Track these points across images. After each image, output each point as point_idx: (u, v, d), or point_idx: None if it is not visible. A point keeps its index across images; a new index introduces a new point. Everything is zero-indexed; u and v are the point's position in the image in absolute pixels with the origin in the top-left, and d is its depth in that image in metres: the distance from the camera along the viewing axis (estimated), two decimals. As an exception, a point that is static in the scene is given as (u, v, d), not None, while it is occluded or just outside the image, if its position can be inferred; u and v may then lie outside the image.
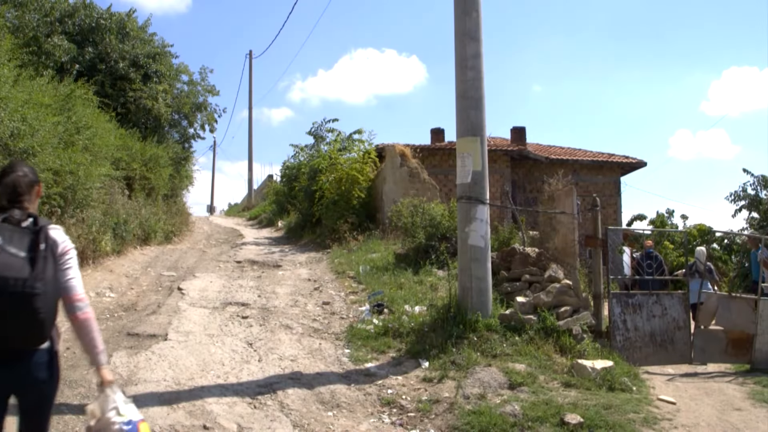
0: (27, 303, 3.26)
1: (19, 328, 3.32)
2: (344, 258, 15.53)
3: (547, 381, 7.33)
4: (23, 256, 3.31)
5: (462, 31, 9.10)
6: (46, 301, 3.34)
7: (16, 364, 3.42)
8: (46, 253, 3.41)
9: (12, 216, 3.45)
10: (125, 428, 3.55)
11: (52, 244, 3.48)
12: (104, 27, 23.78)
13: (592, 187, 26.07)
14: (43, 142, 10.26)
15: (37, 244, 3.39)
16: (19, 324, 3.30)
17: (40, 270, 3.32)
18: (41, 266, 3.34)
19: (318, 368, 7.73)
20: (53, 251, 3.48)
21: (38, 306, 3.30)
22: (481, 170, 8.83)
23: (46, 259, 3.39)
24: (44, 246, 3.41)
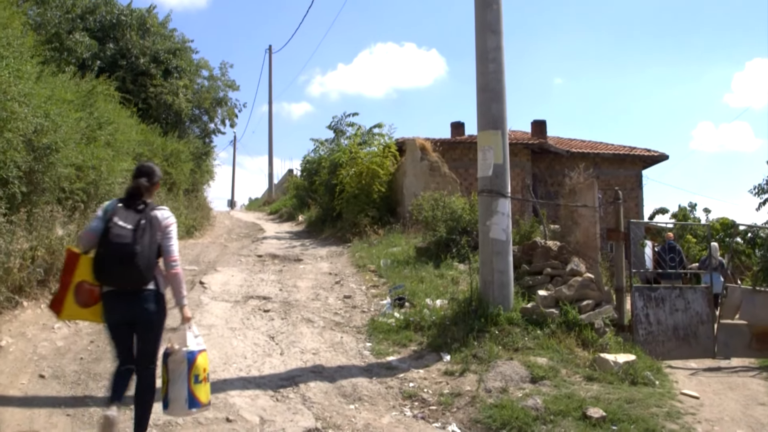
0: (130, 258, 4.90)
1: (129, 275, 4.97)
2: (365, 252, 15.54)
3: (569, 375, 7.30)
4: (130, 228, 4.98)
5: (482, 23, 9.07)
6: (142, 257, 4.95)
7: (131, 299, 5.07)
8: (146, 226, 5.04)
9: (130, 203, 5.17)
10: (187, 355, 5.06)
11: (153, 220, 5.12)
12: (125, 23, 23.88)
13: (613, 180, 25.90)
14: (66, 138, 10.31)
15: (140, 220, 5.04)
16: (128, 272, 4.94)
17: (138, 237, 4.96)
18: (139, 235, 4.98)
19: (340, 361, 7.76)
20: (153, 225, 5.11)
21: (137, 260, 4.92)
22: (502, 163, 8.80)
23: (145, 230, 5.02)
24: (144, 221, 5.05)
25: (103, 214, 5.14)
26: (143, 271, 4.96)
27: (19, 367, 6.92)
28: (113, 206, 5.15)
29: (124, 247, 4.89)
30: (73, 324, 8.69)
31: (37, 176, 9.46)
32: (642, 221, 21.08)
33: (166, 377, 5.09)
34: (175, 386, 5.04)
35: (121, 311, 5.07)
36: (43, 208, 9.59)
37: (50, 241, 9.51)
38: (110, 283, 5.02)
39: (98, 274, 4.98)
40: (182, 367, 5.04)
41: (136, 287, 5.04)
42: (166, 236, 5.18)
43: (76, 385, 6.54)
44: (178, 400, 5.04)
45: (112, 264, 4.92)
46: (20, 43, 9.91)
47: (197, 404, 5.09)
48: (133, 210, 5.10)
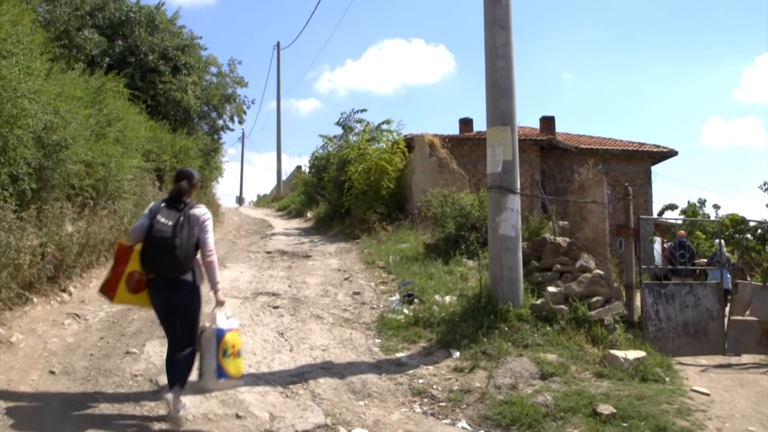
0: (170, 250, 5.66)
1: (169, 265, 5.73)
2: (374, 248, 15.54)
3: (578, 371, 7.29)
4: (170, 225, 5.74)
5: (491, 19, 9.04)
6: (181, 250, 5.69)
7: (172, 286, 5.82)
8: (184, 222, 5.79)
9: (172, 203, 5.92)
10: (216, 332, 5.79)
11: (191, 217, 5.87)
12: (134, 20, 23.92)
13: (622, 176, 25.82)
14: (76, 135, 10.33)
15: (179, 218, 5.80)
16: (168, 262, 5.71)
17: (177, 232, 5.72)
18: (179, 230, 5.73)
19: (349, 358, 7.76)
20: (191, 221, 5.85)
21: (176, 252, 5.67)
22: (511, 159, 8.78)
23: (183, 226, 5.77)
24: (183, 218, 5.81)
25: (148, 212, 5.93)
26: (182, 262, 5.75)
27: (29, 363, 6.94)
28: (157, 206, 5.95)
29: (165, 240, 5.69)
30: (83, 320, 8.73)
31: (47, 173, 9.49)
32: (651, 217, 21.01)
33: (200, 352, 5.91)
34: (206, 360, 5.81)
35: (163, 297, 5.91)
36: (52, 205, 9.61)
37: (60, 237, 9.54)
38: (154, 272, 5.84)
39: (144, 264, 5.81)
40: (211, 343, 5.79)
41: (175, 276, 5.81)
42: (203, 230, 5.95)
43: (86, 381, 6.55)
44: (208, 371, 5.78)
45: (155, 255, 5.73)
46: (30, 40, 9.93)
47: (225, 375, 5.74)
48: (174, 209, 5.88)
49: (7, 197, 7.89)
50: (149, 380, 6.64)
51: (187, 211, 5.88)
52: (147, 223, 5.81)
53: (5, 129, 7.62)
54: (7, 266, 7.61)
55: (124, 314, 9.28)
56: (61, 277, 9.80)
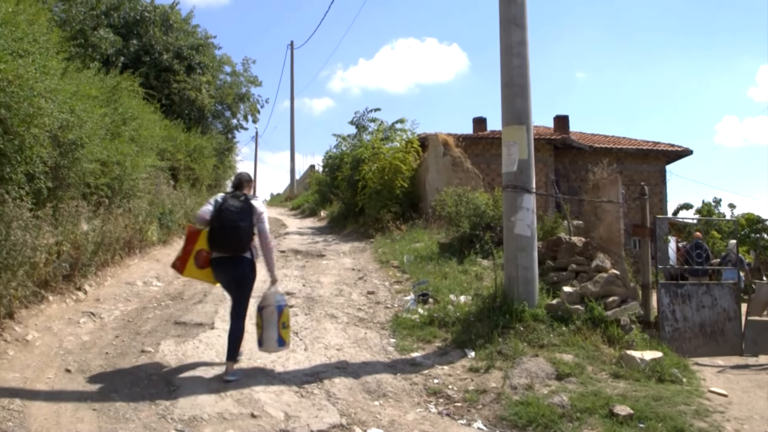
0: (236, 230, 6.77)
1: (233, 243, 6.83)
2: (388, 247, 15.51)
3: (595, 372, 7.24)
4: (236, 210, 6.82)
5: (507, 17, 9.00)
6: (243, 231, 6.81)
7: (234, 262, 6.91)
8: (246, 210, 6.88)
9: (235, 194, 7.07)
10: (277, 308, 6.94)
11: (251, 207, 6.95)
12: (148, 19, 24.06)
13: (636, 175, 25.75)
14: (91, 134, 10.37)
15: (243, 206, 6.89)
16: (233, 241, 6.82)
17: (241, 217, 6.82)
18: (242, 215, 6.83)
19: (364, 357, 7.74)
20: (251, 210, 6.93)
21: (240, 233, 6.79)
22: (527, 159, 8.74)
23: (245, 212, 6.86)
24: (245, 207, 6.90)
25: (214, 202, 6.96)
26: (243, 241, 6.85)
27: (45, 361, 6.96)
28: (223, 197, 7.04)
29: (232, 222, 6.77)
30: (99, 319, 8.77)
31: (63, 171, 9.52)
32: (667, 217, 20.92)
33: (261, 324, 6.98)
34: (268, 330, 6.91)
35: (225, 271, 6.99)
36: (68, 204, 9.66)
37: (75, 236, 9.58)
38: (219, 250, 6.90)
39: (212, 243, 6.87)
40: (273, 317, 6.91)
41: (236, 254, 6.89)
42: (260, 220, 7.02)
43: (102, 380, 6.56)
44: (270, 339, 6.92)
45: (222, 235, 6.80)
46: (46, 39, 9.96)
47: (283, 343, 7.03)
48: (237, 199, 6.98)
49: (23, 195, 7.91)
50: (164, 379, 6.64)
51: (248, 202, 7.00)
52: (213, 209, 6.86)
53: (22, 128, 7.64)
54: (23, 264, 7.63)
55: (139, 313, 9.32)
56: (76, 276, 9.84)
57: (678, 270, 13.44)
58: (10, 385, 6.18)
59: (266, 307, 6.97)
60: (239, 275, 6.98)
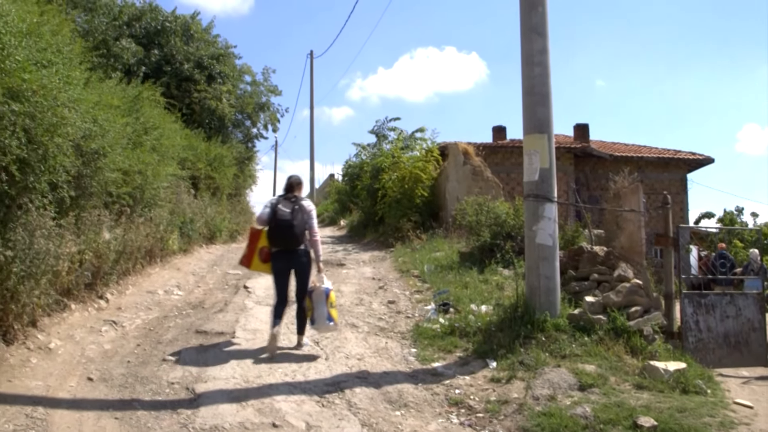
0: (290, 228, 7.88)
1: (289, 239, 7.95)
2: (408, 257, 15.50)
3: (618, 383, 7.16)
4: (288, 211, 7.94)
5: (528, 26, 8.97)
6: (297, 228, 7.91)
7: (291, 255, 8.06)
8: (298, 210, 8.00)
9: (286, 196, 8.22)
10: (325, 290, 8.07)
11: (302, 207, 8.07)
12: (169, 29, 24.21)
13: (657, 184, 25.65)
14: (113, 143, 10.42)
15: (295, 206, 8.01)
16: (289, 237, 7.93)
17: (293, 216, 7.92)
18: (294, 215, 7.93)
19: (385, 367, 7.71)
20: (302, 209, 8.04)
21: (294, 230, 7.90)
22: (548, 168, 8.69)
23: (297, 212, 7.97)
24: (297, 207, 8.01)
25: (270, 204, 8.14)
26: (298, 237, 7.97)
27: (67, 369, 6.99)
28: (276, 200, 8.20)
29: (286, 222, 7.91)
30: (120, 327, 8.81)
31: (85, 181, 9.57)
32: (690, 226, 20.75)
33: (311, 305, 8.11)
34: (318, 310, 8.06)
35: (284, 262, 8.14)
36: (90, 212, 9.70)
37: (97, 245, 9.62)
38: (278, 245, 8.08)
39: (271, 240, 8.09)
40: (322, 298, 8.05)
41: (293, 247, 8.04)
42: (310, 217, 8.14)
43: (124, 389, 6.57)
44: (320, 318, 8.06)
45: (279, 233, 7.98)
46: (69, 49, 10.02)
47: (332, 320, 8.12)
48: (289, 201, 8.12)
49: (46, 204, 7.94)
50: (186, 388, 6.65)
51: (298, 202, 8.11)
52: (270, 211, 8.04)
53: (46, 137, 7.68)
54: (46, 273, 7.67)
55: (160, 322, 9.34)
56: (98, 284, 9.89)
57: (701, 279, 13.32)
58: (33, 392, 6.21)
59: (314, 291, 8.13)
60: (297, 265, 8.14)
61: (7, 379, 6.38)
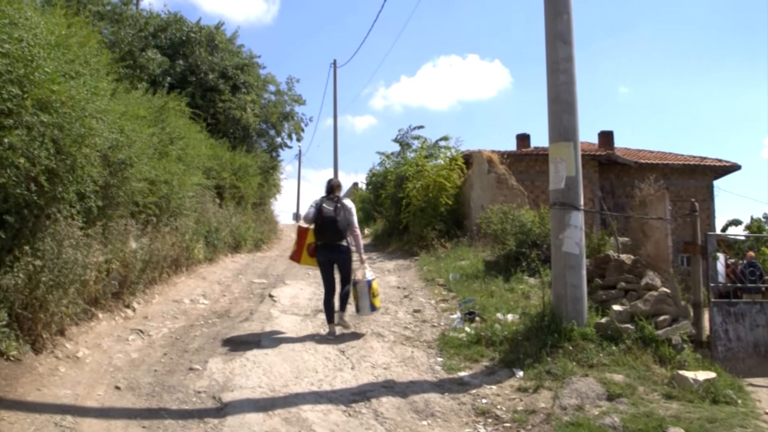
0: (334, 224, 9.08)
1: (333, 234, 9.13)
2: (433, 265, 15.47)
3: (646, 392, 7.08)
4: (332, 209, 9.13)
5: (553, 34, 8.93)
6: (340, 224, 9.09)
7: (335, 248, 9.22)
8: (340, 208, 9.18)
9: (329, 196, 9.37)
10: (367, 282, 9.30)
11: (344, 205, 9.27)
12: (194, 40, 24.39)
13: (683, 191, 25.48)
14: (140, 153, 10.50)
15: (337, 205, 9.19)
16: (333, 232, 9.12)
17: (337, 213, 9.11)
18: (337, 212, 9.12)
19: (411, 376, 7.68)
20: (344, 207, 9.24)
21: (338, 225, 9.09)
22: (574, 176, 8.63)
23: (340, 210, 9.16)
24: (339, 206, 9.20)
25: (314, 204, 9.35)
26: (341, 231, 9.20)
27: (95, 378, 7.03)
28: (320, 200, 9.37)
29: (331, 218, 9.14)
30: (147, 336, 8.85)
31: (112, 190, 9.65)
32: (718, 234, 20.56)
33: (356, 295, 9.41)
34: (362, 300, 9.36)
35: (329, 255, 9.35)
36: (117, 222, 9.77)
37: (124, 254, 9.69)
38: (323, 240, 9.26)
39: (318, 235, 9.29)
40: (365, 289, 9.34)
41: (336, 241, 9.24)
42: (351, 215, 9.39)
43: (151, 397, 6.60)
44: (364, 306, 9.39)
45: (324, 229, 9.19)
46: (96, 60, 10.14)
47: (374, 308, 9.53)
48: (331, 200, 9.35)
49: (74, 214, 8.01)
50: (212, 397, 6.66)
51: (340, 201, 9.37)
52: (315, 210, 9.25)
53: (74, 148, 7.75)
54: (74, 282, 7.72)
55: (186, 331, 9.38)
56: (125, 293, 9.95)
57: (730, 288, 13.18)
58: (61, 401, 6.24)
59: (359, 282, 9.37)
60: (338, 258, 9.36)
61: (36, 388, 6.42)
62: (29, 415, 5.75)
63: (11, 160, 6.55)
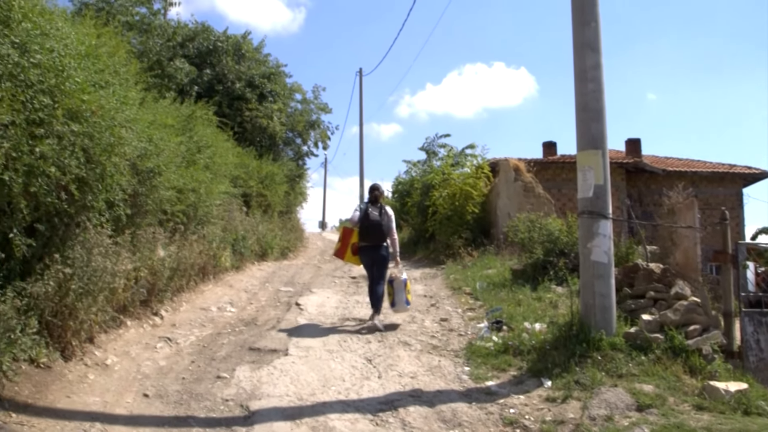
0: (379, 228, 10.40)
1: (376, 236, 10.45)
2: (459, 274, 15.43)
3: (677, 403, 7.00)
4: (377, 214, 10.43)
5: (581, 42, 8.88)
6: (382, 228, 10.41)
7: (375, 249, 10.48)
8: (383, 213, 10.52)
9: (373, 203, 10.64)
10: (404, 280, 10.54)
11: (386, 212, 10.59)
12: (221, 49, 24.56)
13: (712, 199, 25.27)
14: (168, 162, 10.58)
15: (381, 211, 10.53)
16: (376, 235, 10.44)
17: (381, 218, 10.43)
18: (382, 217, 10.44)
19: (438, 386, 7.64)
20: (386, 213, 10.55)
21: (382, 229, 10.42)
22: (603, 184, 8.57)
23: (383, 215, 10.48)
24: (383, 212, 10.53)
25: (360, 209, 10.57)
26: (384, 234, 10.48)
27: (124, 385, 7.07)
28: (366, 205, 10.60)
29: (377, 222, 10.39)
30: (175, 344, 8.90)
31: (141, 199, 9.72)
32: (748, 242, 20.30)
33: (392, 292, 10.53)
34: (398, 295, 10.49)
35: (370, 255, 10.53)
36: (145, 230, 9.84)
37: (152, 262, 9.75)
38: (367, 241, 10.48)
39: (362, 237, 10.50)
40: (401, 286, 10.48)
41: (378, 243, 10.49)
42: (391, 221, 10.64)
43: (179, 405, 6.62)
44: (400, 302, 10.53)
45: (369, 231, 10.41)
46: (125, 70, 10.25)
47: (408, 303, 10.76)
48: (375, 206, 10.60)
49: (103, 222, 8.09)
50: (240, 405, 6.67)
51: (383, 208, 10.64)
52: (361, 215, 10.44)
53: (104, 157, 7.82)
54: (103, 290, 7.78)
55: (213, 338, 9.41)
56: (153, 301, 10.02)
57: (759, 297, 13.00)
58: (90, 408, 6.28)
59: (395, 280, 10.53)
60: (378, 257, 10.52)
61: (65, 395, 6.47)
62: (59, 422, 5.80)
63: (42, 169, 6.62)
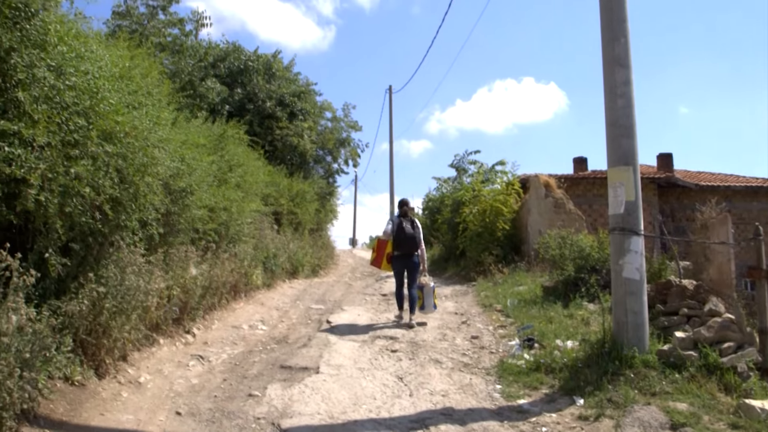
0: (413, 239, 11.98)
1: (409, 247, 11.98)
2: (490, 291, 15.37)
3: (711, 422, 6.90)
4: (410, 227, 11.96)
5: (610, 57, 8.86)
6: (415, 240, 12.00)
7: (408, 258, 12.06)
8: (415, 226, 12.09)
9: (405, 217, 12.10)
10: (432, 287, 12.21)
11: (417, 226, 12.16)
12: (252, 68, 24.80)
13: (746, 214, 24.96)
14: (200, 181, 10.69)
15: (413, 224, 12.07)
16: (410, 245, 11.97)
17: (413, 231, 11.98)
18: (414, 230, 12.01)
19: (469, 404, 7.61)
20: (417, 227, 12.14)
21: (415, 240, 12.00)
22: (634, 200, 8.52)
23: (415, 228, 12.05)
24: (414, 225, 12.09)
25: (393, 222, 11.98)
26: (417, 245, 11.91)
27: (156, 403, 7.12)
28: (398, 219, 11.96)
29: (410, 234, 11.82)
30: (207, 362, 8.94)
31: (174, 218, 9.83)
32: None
33: (422, 296, 11.96)
34: (427, 300, 11.95)
35: (403, 263, 12.02)
36: (178, 249, 9.94)
37: (184, 280, 9.84)
38: (401, 251, 11.93)
39: (397, 246, 11.93)
40: (430, 292, 11.97)
41: (410, 253, 11.92)
42: (421, 233, 12.13)
43: (211, 423, 6.65)
44: (429, 306, 12.00)
45: (403, 242, 11.83)
46: (158, 91, 10.37)
47: (436, 307, 12.34)
48: (407, 219, 11.98)
49: (137, 242, 8.19)
50: (271, 423, 6.68)
51: (415, 221, 12.10)
52: (395, 227, 11.87)
53: (137, 177, 7.92)
54: (136, 308, 7.87)
55: (245, 356, 9.45)
56: (185, 319, 10.09)
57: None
58: (124, 426, 6.34)
59: (425, 286, 11.96)
60: (410, 265, 11.99)
61: (99, 413, 6.53)
62: (93, 440, 5.86)
63: (77, 190, 6.72)
